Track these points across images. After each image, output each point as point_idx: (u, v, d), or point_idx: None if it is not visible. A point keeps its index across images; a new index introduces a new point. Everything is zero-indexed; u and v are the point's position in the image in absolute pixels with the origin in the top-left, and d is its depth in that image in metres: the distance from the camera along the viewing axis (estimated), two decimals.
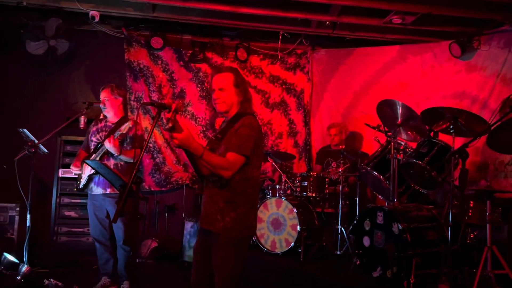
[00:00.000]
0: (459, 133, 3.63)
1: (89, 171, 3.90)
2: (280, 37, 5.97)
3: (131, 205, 2.19)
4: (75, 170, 4.03)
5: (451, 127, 3.59)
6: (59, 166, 5.16)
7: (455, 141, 3.59)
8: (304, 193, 4.84)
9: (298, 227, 4.43)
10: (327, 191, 4.87)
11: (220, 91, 2.50)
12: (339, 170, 4.71)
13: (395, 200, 3.83)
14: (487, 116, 4.00)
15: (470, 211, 3.59)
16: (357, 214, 4.49)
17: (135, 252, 4.91)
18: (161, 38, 5.71)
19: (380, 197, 4.46)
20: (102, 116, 4.22)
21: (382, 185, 4.11)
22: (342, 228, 4.54)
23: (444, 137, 3.87)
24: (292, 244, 4.45)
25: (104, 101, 3.99)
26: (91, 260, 4.68)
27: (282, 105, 6.27)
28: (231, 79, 2.51)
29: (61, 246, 5.09)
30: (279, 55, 6.19)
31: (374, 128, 4.37)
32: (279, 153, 5.61)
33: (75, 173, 4.18)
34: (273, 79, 6.26)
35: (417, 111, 3.93)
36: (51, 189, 5.19)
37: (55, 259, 4.85)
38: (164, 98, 5.86)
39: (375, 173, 4.07)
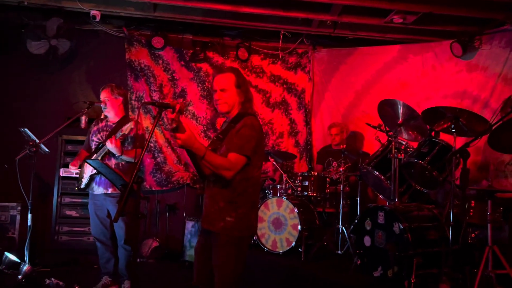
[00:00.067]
0: (460, 132, 3.63)
1: (90, 170, 3.90)
2: (281, 36, 5.96)
3: (132, 204, 2.19)
4: (73, 168, 4.03)
5: (452, 126, 3.59)
6: (60, 165, 5.16)
7: (456, 140, 3.59)
8: (305, 192, 4.84)
9: (299, 227, 4.43)
10: (328, 190, 4.87)
11: (222, 91, 2.50)
12: (340, 170, 4.71)
13: (396, 200, 3.83)
14: (488, 116, 4.02)
15: (471, 210, 3.59)
16: (358, 213, 4.49)
17: (136, 251, 4.91)
18: (162, 37, 5.70)
19: (381, 196, 4.46)
20: (103, 115, 4.22)
21: (383, 185, 4.10)
22: (343, 228, 4.54)
23: (445, 137, 3.87)
24: (293, 244, 4.45)
25: (105, 101, 4.00)
26: (92, 260, 4.69)
27: (283, 104, 6.27)
28: (233, 80, 2.52)
29: (62, 245, 5.09)
30: (280, 54, 6.19)
31: (375, 127, 4.37)
32: (280, 152, 5.61)
33: (76, 173, 4.19)
34: (274, 78, 6.25)
35: (418, 110, 3.92)
36: (52, 189, 5.20)
37: (56, 259, 4.87)
38: (165, 97, 5.86)
39: (376, 172, 4.07)
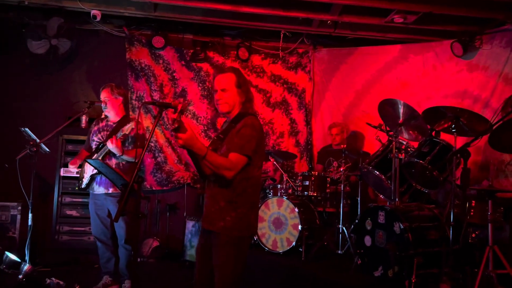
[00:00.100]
0: (460, 132, 3.62)
1: (91, 170, 3.90)
2: (281, 36, 5.96)
3: (132, 204, 2.19)
4: (72, 167, 4.03)
5: (452, 126, 3.58)
6: (61, 165, 5.16)
7: (456, 140, 3.59)
8: (306, 192, 4.84)
9: (300, 227, 4.43)
10: (328, 190, 4.87)
11: (223, 91, 2.51)
12: (341, 170, 4.71)
13: (396, 200, 3.83)
14: (489, 116, 4.01)
15: (471, 210, 3.59)
16: (358, 213, 4.49)
17: (137, 251, 4.91)
18: (162, 37, 5.69)
19: (381, 196, 4.45)
20: (103, 115, 4.22)
21: (384, 185, 4.10)
22: (344, 228, 4.54)
23: (445, 137, 3.87)
24: (294, 244, 4.45)
25: (105, 101, 4.00)
26: (92, 259, 4.70)
27: (283, 104, 6.26)
28: (233, 80, 2.52)
29: (63, 245, 5.09)
30: (280, 54, 6.19)
31: (375, 127, 4.37)
32: (280, 152, 5.61)
33: (76, 172, 4.18)
34: (275, 78, 6.25)
35: (418, 110, 3.91)
36: (52, 188, 5.20)
37: (56, 258, 4.87)
38: (165, 97, 5.86)
39: (376, 172, 4.07)
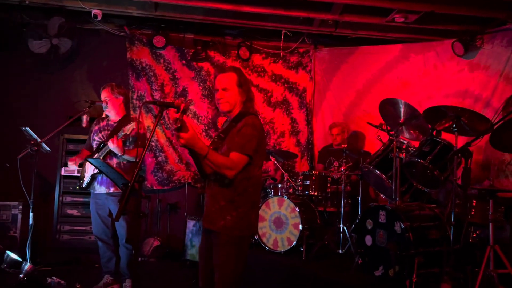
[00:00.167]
0: (461, 132, 3.62)
1: (92, 170, 3.91)
2: (282, 35, 5.95)
3: (133, 203, 2.19)
4: (71, 164, 4.02)
5: (453, 126, 3.58)
6: (62, 164, 5.16)
7: (457, 140, 3.59)
8: (306, 192, 4.84)
9: (300, 226, 4.43)
10: (329, 190, 4.87)
11: (224, 91, 2.51)
12: (341, 169, 4.71)
13: (397, 199, 3.83)
14: (490, 115, 4.00)
15: (472, 210, 3.58)
16: (359, 213, 4.49)
17: (137, 250, 4.91)
18: (163, 37, 5.69)
19: (382, 196, 4.44)
20: (104, 115, 4.22)
21: (385, 184, 4.10)
22: (344, 227, 4.54)
23: (446, 136, 3.86)
24: (294, 243, 4.45)
25: (105, 101, 4.00)
26: (93, 259, 4.69)
27: (284, 103, 6.26)
28: (235, 79, 2.52)
29: (64, 244, 5.10)
30: (281, 53, 6.18)
31: (376, 127, 4.36)
32: (281, 152, 5.61)
33: (78, 170, 4.18)
34: (275, 77, 6.25)
35: (419, 110, 3.91)
36: (53, 188, 5.21)
37: (57, 257, 4.87)
38: (166, 97, 5.86)
39: (377, 172, 4.07)
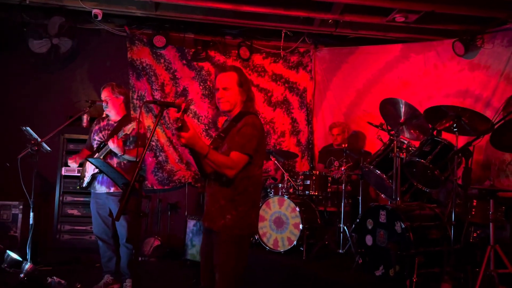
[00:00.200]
0: (462, 131, 3.62)
1: (92, 169, 3.91)
2: (282, 35, 5.95)
3: (133, 203, 2.19)
4: (70, 162, 4.02)
5: (454, 125, 3.57)
6: (62, 164, 5.16)
7: (458, 139, 3.58)
8: (307, 191, 4.84)
9: (301, 226, 4.43)
10: (329, 189, 4.87)
11: (224, 90, 2.51)
12: (342, 169, 4.70)
13: (398, 199, 3.83)
14: (491, 115, 4.00)
15: (473, 210, 3.58)
16: (359, 212, 4.49)
17: (138, 250, 4.90)
18: (163, 36, 5.69)
19: (383, 195, 4.45)
20: (104, 114, 4.22)
21: (385, 184, 4.10)
22: (345, 227, 4.54)
23: (447, 136, 3.86)
24: (295, 243, 4.45)
25: (106, 100, 4.00)
26: (94, 258, 4.69)
27: (284, 103, 6.26)
28: (235, 79, 2.52)
29: (64, 244, 5.09)
30: (281, 53, 6.18)
31: (377, 126, 4.36)
32: (281, 151, 5.61)
33: (78, 170, 4.18)
34: (276, 77, 6.25)
35: (420, 109, 3.91)
36: (54, 187, 5.20)
37: (58, 257, 4.87)
38: (166, 96, 5.86)
39: (377, 171, 4.07)
